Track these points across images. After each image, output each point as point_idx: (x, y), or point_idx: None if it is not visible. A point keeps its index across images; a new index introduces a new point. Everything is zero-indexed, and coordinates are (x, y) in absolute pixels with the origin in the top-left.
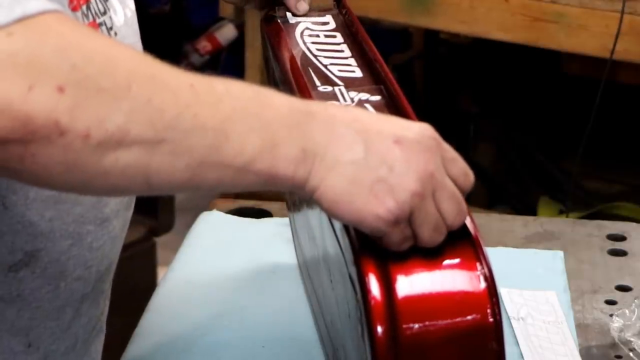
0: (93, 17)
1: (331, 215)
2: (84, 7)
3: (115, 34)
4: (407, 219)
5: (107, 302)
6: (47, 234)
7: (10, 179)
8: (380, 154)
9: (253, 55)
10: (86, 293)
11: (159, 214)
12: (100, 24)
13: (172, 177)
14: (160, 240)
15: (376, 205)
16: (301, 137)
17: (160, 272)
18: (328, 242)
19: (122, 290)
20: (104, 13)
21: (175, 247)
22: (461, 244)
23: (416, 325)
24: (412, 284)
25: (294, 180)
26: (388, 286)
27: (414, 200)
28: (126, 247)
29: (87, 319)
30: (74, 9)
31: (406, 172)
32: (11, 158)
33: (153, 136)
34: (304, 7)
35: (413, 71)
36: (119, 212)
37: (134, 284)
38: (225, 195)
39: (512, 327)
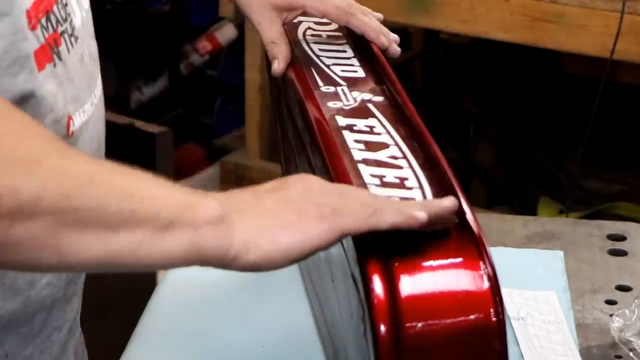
0: (54, 28)
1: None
2: (43, 21)
3: (76, 38)
4: None
5: (80, 303)
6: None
7: None
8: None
9: (253, 55)
10: (57, 299)
11: None
12: (61, 33)
13: (87, 248)
14: None
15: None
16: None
17: (160, 272)
18: None
19: (122, 290)
20: (65, 20)
21: None
22: (465, 243)
23: (419, 324)
24: (415, 283)
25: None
26: (391, 285)
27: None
28: None
29: (61, 322)
30: (32, 29)
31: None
32: None
33: (66, 205)
34: (396, 51)
35: (413, 71)
36: None
37: (134, 284)
38: None
39: (512, 327)
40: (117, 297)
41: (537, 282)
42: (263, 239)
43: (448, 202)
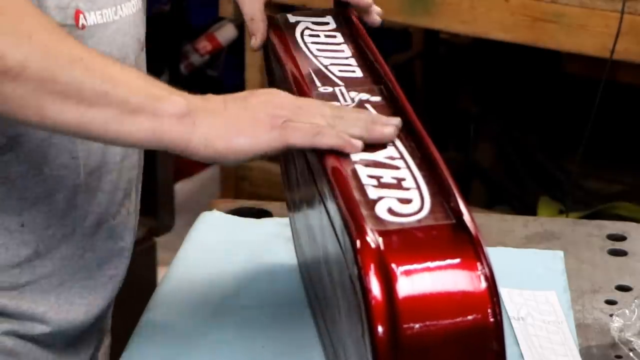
0: None
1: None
2: None
3: None
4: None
5: (120, 207)
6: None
7: None
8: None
9: (253, 55)
10: (78, 184)
11: (159, 214)
12: None
13: (63, 115)
14: (160, 240)
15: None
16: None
17: (160, 272)
18: (329, 242)
19: (122, 290)
20: None
21: (175, 247)
22: (462, 244)
23: (417, 325)
24: (412, 283)
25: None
26: (389, 286)
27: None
28: None
29: (83, 213)
30: None
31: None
32: None
33: (48, 75)
34: (377, 20)
35: (413, 71)
36: None
37: (134, 284)
38: (226, 195)
39: (512, 327)
40: (117, 297)
41: (537, 282)
42: (219, 140)
43: (389, 130)
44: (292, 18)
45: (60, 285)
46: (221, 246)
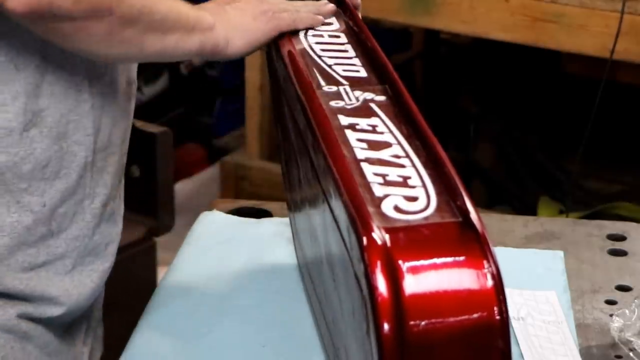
0: None
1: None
2: None
3: None
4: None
5: (116, 192)
6: (50, 95)
7: (51, 42)
8: None
9: (253, 55)
10: (88, 162)
11: (159, 214)
12: None
13: (156, 45)
14: (160, 240)
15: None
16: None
17: (160, 272)
18: (332, 241)
19: (122, 290)
20: None
21: (175, 247)
22: (468, 242)
23: (423, 323)
24: (419, 281)
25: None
26: (395, 283)
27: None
28: (126, 247)
29: (92, 192)
30: None
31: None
32: (70, 28)
33: (149, 16)
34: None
35: (413, 71)
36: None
37: (134, 284)
38: (226, 195)
39: (512, 327)
40: (117, 297)
41: (537, 282)
42: (235, 36)
43: (329, 7)
44: None
45: (73, 268)
46: (221, 246)
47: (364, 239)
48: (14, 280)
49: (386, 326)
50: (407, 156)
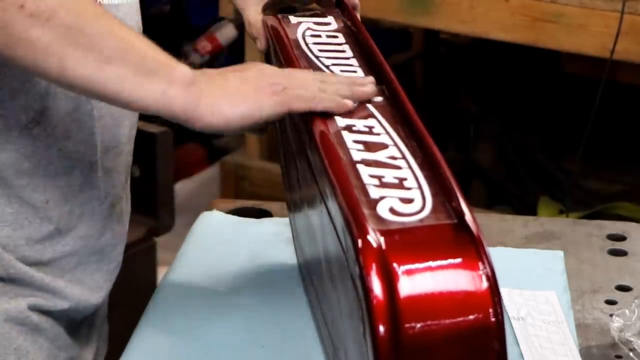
0: None
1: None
2: None
3: None
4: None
5: (123, 192)
6: (54, 95)
7: None
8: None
9: (253, 55)
10: (94, 161)
11: (159, 214)
12: None
13: (82, 69)
14: (160, 240)
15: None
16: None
17: (160, 272)
18: (329, 241)
19: (122, 290)
20: None
21: (175, 247)
22: (464, 244)
23: (418, 325)
24: (414, 283)
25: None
26: (390, 285)
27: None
28: (126, 247)
29: (103, 193)
30: None
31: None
32: None
33: (75, 24)
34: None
35: (413, 71)
36: None
37: (134, 284)
38: (226, 195)
39: (512, 327)
40: (117, 297)
41: (537, 282)
42: (225, 106)
43: (369, 89)
44: (293, 19)
45: (78, 265)
46: (221, 246)
47: (359, 241)
48: (23, 270)
49: (381, 328)
50: (404, 157)
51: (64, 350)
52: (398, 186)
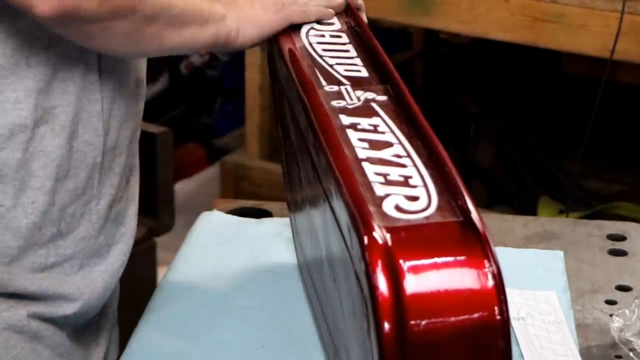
0: None
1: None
2: None
3: None
4: None
5: (123, 193)
6: (61, 93)
7: (75, 41)
8: None
9: (253, 56)
10: (97, 162)
11: (159, 214)
12: None
13: (174, 39)
14: (160, 240)
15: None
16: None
17: (160, 272)
18: (333, 240)
19: (122, 290)
20: None
21: (175, 247)
22: (469, 241)
23: (423, 322)
24: (420, 280)
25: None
26: (396, 282)
27: None
28: None
29: (99, 193)
30: None
31: None
32: (96, 29)
33: (167, 11)
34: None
35: (413, 71)
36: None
37: (134, 284)
38: (226, 195)
39: (512, 327)
40: (118, 297)
41: (537, 282)
42: (247, 27)
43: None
44: None
45: (81, 268)
46: (221, 246)
47: (365, 238)
48: (25, 281)
49: (387, 325)
50: (409, 156)
51: (66, 357)
52: (403, 184)
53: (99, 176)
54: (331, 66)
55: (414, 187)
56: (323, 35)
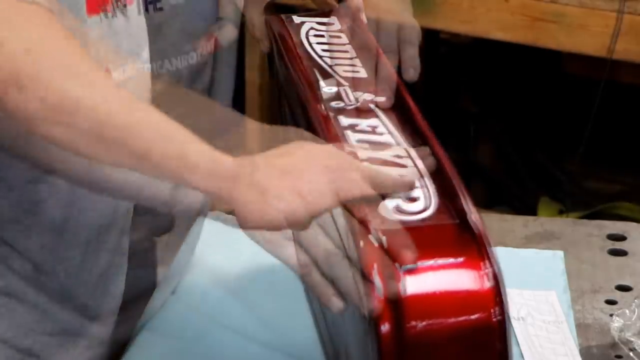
0: None
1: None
2: None
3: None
4: None
5: (118, 258)
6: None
7: None
8: None
9: (253, 56)
10: (101, 227)
11: (159, 214)
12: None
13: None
14: (160, 240)
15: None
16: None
17: (160, 272)
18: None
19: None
20: None
21: (175, 247)
22: (467, 243)
23: (421, 324)
24: (417, 282)
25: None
26: (393, 284)
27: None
28: None
29: (94, 258)
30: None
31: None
32: None
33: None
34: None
35: None
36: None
37: (134, 284)
38: None
39: (512, 327)
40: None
41: (537, 282)
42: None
43: (409, 180)
44: (297, 19)
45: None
46: (222, 247)
47: (361, 241)
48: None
49: (385, 327)
50: (409, 157)
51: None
52: None
53: (92, 249)
54: (330, 67)
55: (414, 188)
56: (323, 36)
